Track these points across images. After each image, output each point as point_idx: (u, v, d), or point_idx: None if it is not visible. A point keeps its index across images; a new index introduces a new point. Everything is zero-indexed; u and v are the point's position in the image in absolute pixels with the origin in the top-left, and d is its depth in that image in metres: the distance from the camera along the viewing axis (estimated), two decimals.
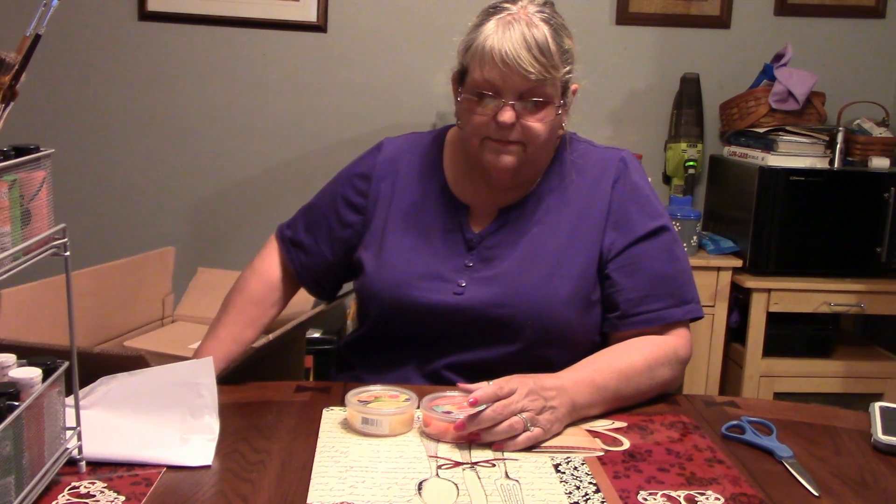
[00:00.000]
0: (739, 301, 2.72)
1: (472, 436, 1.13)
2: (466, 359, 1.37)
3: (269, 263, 1.53)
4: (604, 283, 1.39)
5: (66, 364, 0.98)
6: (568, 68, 1.34)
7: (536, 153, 1.37)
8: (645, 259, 1.38)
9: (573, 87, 1.39)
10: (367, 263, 1.43)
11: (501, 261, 1.38)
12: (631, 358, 1.31)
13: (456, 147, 1.47)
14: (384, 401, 1.19)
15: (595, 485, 1.04)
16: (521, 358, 1.34)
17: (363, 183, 1.49)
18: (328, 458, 1.08)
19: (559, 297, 1.35)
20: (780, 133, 2.72)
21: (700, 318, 1.41)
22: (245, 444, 1.12)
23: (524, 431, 1.13)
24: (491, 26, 1.30)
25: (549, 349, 1.35)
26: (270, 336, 1.34)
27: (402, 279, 1.39)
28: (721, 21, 2.96)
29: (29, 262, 0.91)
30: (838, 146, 2.71)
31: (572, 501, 1.00)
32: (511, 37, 1.27)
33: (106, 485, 0.99)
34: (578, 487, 1.03)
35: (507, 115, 1.30)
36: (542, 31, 1.29)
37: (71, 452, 1.00)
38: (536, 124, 1.32)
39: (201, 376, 1.13)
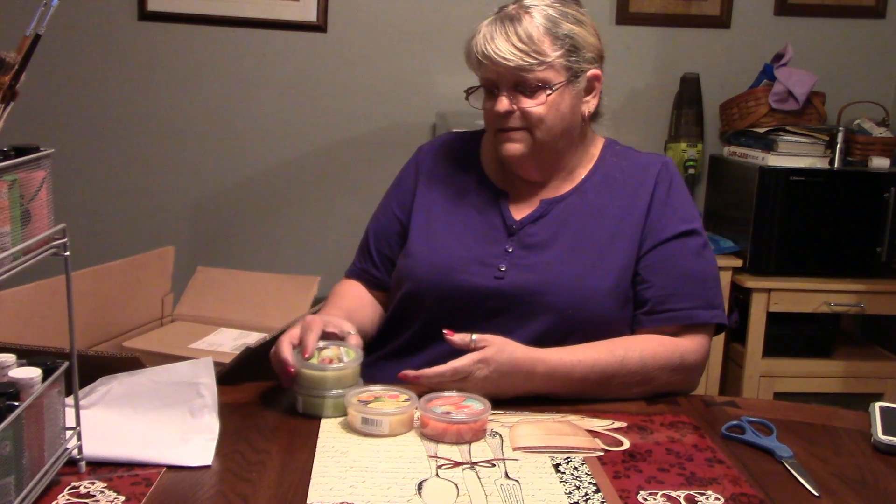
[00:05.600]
0: (739, 301, 2.72)
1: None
2: None
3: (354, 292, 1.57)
4: (634, 280, 1.41)
5: (66, 364, 0.98)
6: (562, 51, 1.37)
7: (548, 137, 1.41)
8: (674, 258, 1.41)
9: (590, 72, 1.43)
10: (408, 248, 1.48)
11: (543, 249, 1.41)
12: (626, 352, 1.32)
13: (492, 143, 1.51)
14: (384, 401, 1.19)
15: (595, 485, 1.04)
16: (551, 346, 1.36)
17: (407, 181, 1.56)
18: (328, 458, 1.08)
19: (601, 288, 1.38)
20: (780, 133, 2.72)
21: (725, 327, 1.44)
22: (245, 444, 1.12)
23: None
24: (480, 27, 1.39)
25: (579, 339, 1.36)
26: (267, 336, 1.34)
27: (444, 262, 1.43)
28: (721, 21, 2.96)
29: (29, 262, 0.91)
30: (838, 146, 2.70)
31: (572, 501, 1.00)
32: (492, 32, 1.37)
33: (106, 485, 0.99)
34: (578, 487, 1.03)
35: (501, 105, 1.38)
36: (529, 21, 1.36)
37: (71, 452, 1.00)
38: (535, 108, 1.38)
39: (201, 376, 1.13)
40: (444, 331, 1.28)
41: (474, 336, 1.26)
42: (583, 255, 1.40)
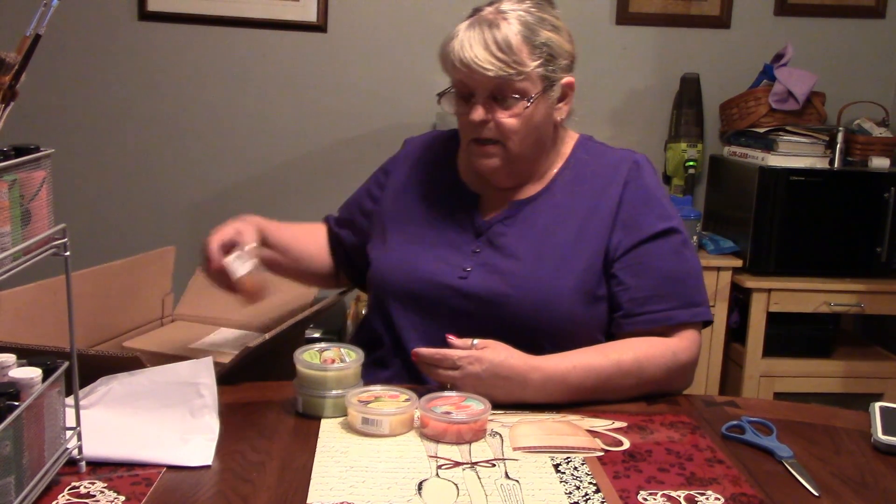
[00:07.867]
0: (739, 301, 2.72)
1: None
2: None
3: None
4: (610, 282, 1.40)
5: (66, 364, 0.98)
6: (540, 61, 1.34)
7: (522, 149, 1.39)
8: (651, 259, 1.38)
9: (564, 80, 1.40)
10: (377, 247, 1.50)
11: (509, 250, 1.41)
12: (620, 355, 1.32)
13: (466, 152, 1.49)
14: (384, 401, 1.19)
15: (595, 485, 1.04)
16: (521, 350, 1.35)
17: (384, 176, 1.60)
18: (328, 458, 1.08)
19: (563, 290, 1.36)
20: (780, 133, 2.72)
21: (710, 322, 1.42)
22: (245, 444, 1.12)
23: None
24: (458, 31, 1.36)
25: (548, 342, 1.35)
26: (267, 335, 1.34)
27: (411, 260, 1.43)
28: (721, 21, 2.96)
29: (29, 262, 0.91)
30: (838, 146, 2.71)
31: (572, 501, 1.00)
32: (470, 38, 1.33)
33: (106, 485, 0.99)
34: (578, 487, 1.03)
35: (477, 114, 1.36)
36: (507, 28, 1.33)
37: (71, 452, 1.00)
38: (509, 120, 1.36)
39: (201, 376, 1.13)
40: (448, 335, 1.29)
41: (475, 341, 1.27)
42: (547, 257, 1.38)
